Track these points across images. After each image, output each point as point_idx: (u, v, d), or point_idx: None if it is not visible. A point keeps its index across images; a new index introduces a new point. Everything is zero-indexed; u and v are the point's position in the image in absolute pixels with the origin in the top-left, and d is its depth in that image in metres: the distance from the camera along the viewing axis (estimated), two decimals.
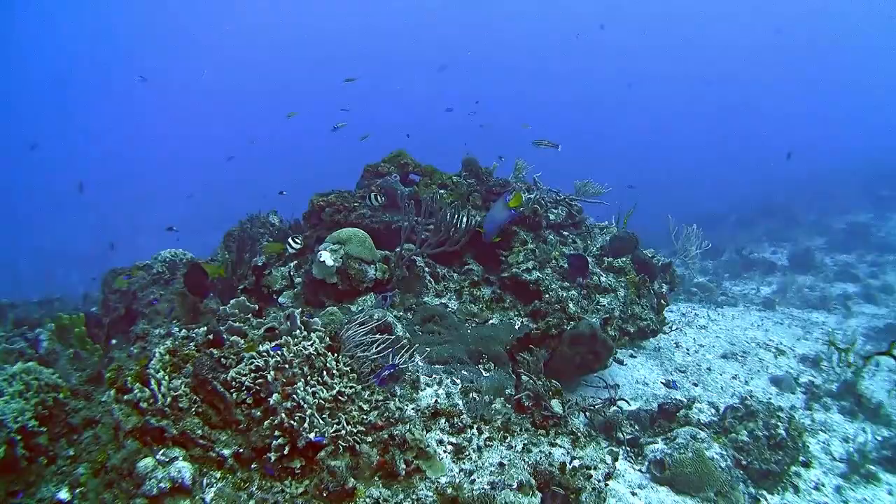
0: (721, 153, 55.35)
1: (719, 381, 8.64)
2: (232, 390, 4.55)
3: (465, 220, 7.94)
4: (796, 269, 17.54)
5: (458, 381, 5.84)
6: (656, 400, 7.54)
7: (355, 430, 4.42)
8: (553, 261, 8.50)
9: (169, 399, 4.45)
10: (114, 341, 8.05)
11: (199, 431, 4.38)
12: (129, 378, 4.58)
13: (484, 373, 6.29)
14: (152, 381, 4.50)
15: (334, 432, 4.31)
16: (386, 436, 4.48)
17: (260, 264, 8.53)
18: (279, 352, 4.72)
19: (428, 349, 6.45)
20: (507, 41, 77.64)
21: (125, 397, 4.45)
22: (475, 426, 4.97)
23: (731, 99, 69.33)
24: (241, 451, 4.34)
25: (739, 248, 20.24)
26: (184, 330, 5.33)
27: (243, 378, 4.59)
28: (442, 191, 9.63)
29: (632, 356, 8.93)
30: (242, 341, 5.10)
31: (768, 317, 12.78)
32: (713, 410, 7.59)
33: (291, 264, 8.48)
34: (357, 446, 4.36)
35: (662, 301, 9.24)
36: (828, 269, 17.47)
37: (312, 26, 75.89)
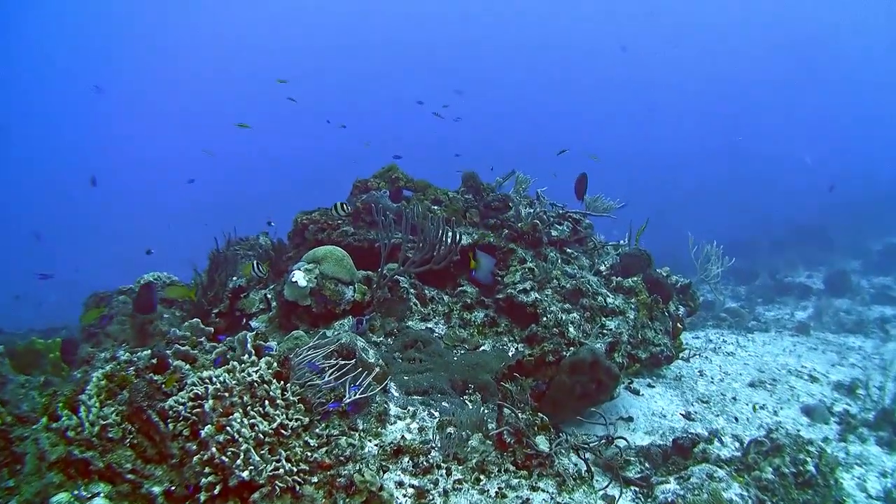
0: (749, 175, 54.81)
1: (745, 412, 8.06)
2: (169, 420, 4.18)
3: (450, 235, 7.38)
4: (832, 292, 16.96)
5: (437, 414, 5.39)
6: (674, 434, 7.02)
7: (297, 469, 3.96)
8: (554, 280, 7.94)
9: (97, 428, 4.11)
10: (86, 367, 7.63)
11: (129, 465, 4.01)
12: (60, 404, 4.31)
13: (470, 405, 5.74)
14: (81, 408, 4.20)
15: (272, 471, 3.86)
16: (333, 476, 3.97)
17: (239, 286, 8.08)
18: (220, 378, 4.28)
19: (406, 378, 5.97)
20: (520, 53, 77.67)
21: (54, 425, 4.15)
22: (445, 466, 4.42)
23: (756, 119, 68.86)
24: (172, 488, 3.93)
25: (773, 272, 19.81)
26: (127, 353, 4.96)
27: (180, 407, 4.21)
28: (435, 207, 9.19)
29: (649, 385, 8.36)
30: (187, 366, 4.76)
31: (801, 342, 12.19)
32: (737, 444, 7.04)
33: (271, 287, 8.03)
34: (298, 488, 3.90)
35: (679, 325, 8.68)
36: (864, 291, 16.91)
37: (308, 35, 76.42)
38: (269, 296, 7.92)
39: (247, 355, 4.79)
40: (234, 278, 8.43)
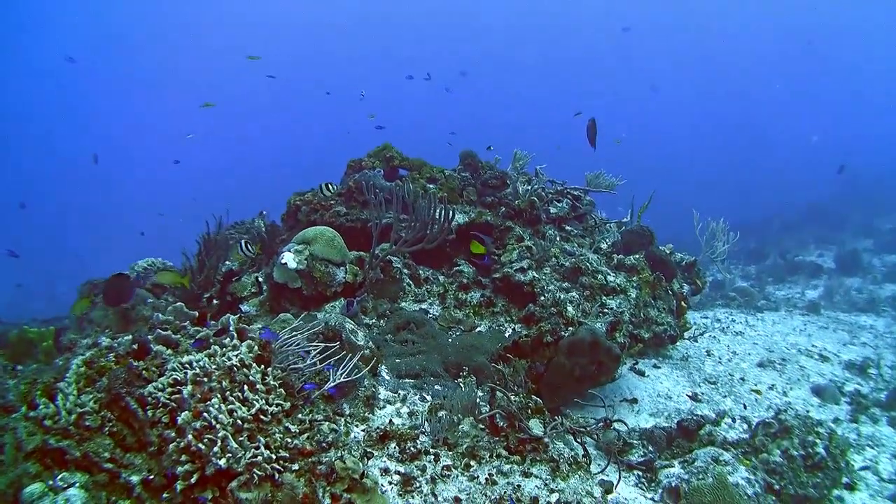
0: (759, 156, 54.74)
1: (753, 393, 7.84)
2: (148, 407, 4.08)
3: (444, 213, 7.20)
4: (843, 271, 16.84)
5: (428, 398, 5.27)
6: (680, 415, 6.88)
7: (276, 457, 3.85)
8: (552, 259, 7.77)
9: (74, 416, 4.01)
10: None
11: (107, 454, 3.89)
12: (38, 392, 4.24)
13: (464, 388, 5.57)
14: (59, 396, 4.10)
15: (251, 458, 3.74)
16: (314, 464, 3.84)
17: (230, 270, 7.92)
18: (200, 363, 4.18)
19: (398, 361, 5.82)
20: (525, 32, 77.36)
21: (31, 413, 4.06)
22: (434, 452, 4.26)
23: (764, 102, 68.75)
24: (151, 477, 3.81)
25: (784, 251, 19.70)
26: (108, 339, 4.94)
27: (159, 393, 4.11)
28: (431, 185, 9.00)
29: (655, 366, 8.28)
30: (169, 352, 4.65)
31: (812, 321, 12.03)
32: (745, 426, 6.93)
33: (264, 270, 7.87)
34: (278, 476, 3.79)
35: (683, 303, 8.53)
36: (876, 270, 16.77)
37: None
38: (260, 279, 7.76)
39: (228, 338, 4.67)
40: (227, 262, 8.27)
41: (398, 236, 7.37)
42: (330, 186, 7.97)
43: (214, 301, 7.60)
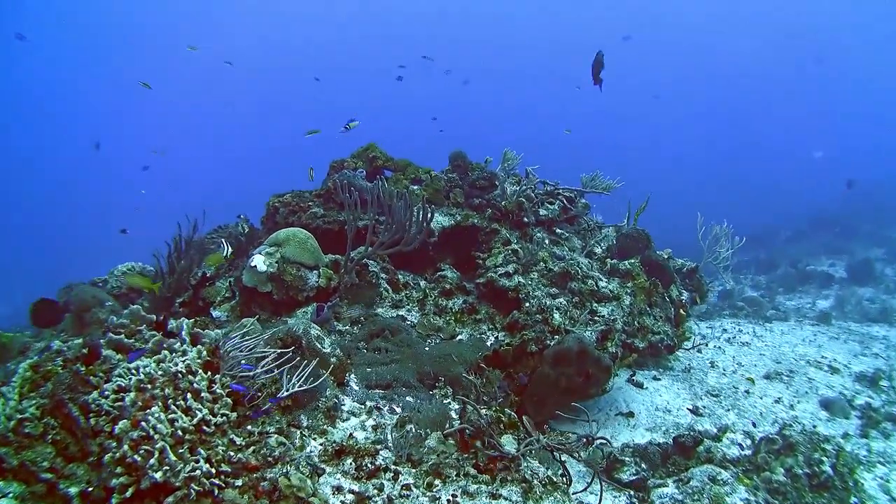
0: (759, 172, 55.00)
1: (759, 406, 7.74)
2: (91, 414, 3.93)
3: (421, 214, 6.97)
4: (855, 280, 16.74)
5: (398, 410, 5.04)
6: (678, 430, 6.73)
7: (217, 471, 3.67)
8: (541, 263, 7.54)
9: (13, 423, 3.88)
10: None
11: (47, 463, 3.75)
12: None
13: (434, 400, 5.35)
14: (0, 402, 3.99)
15: (190, 472, 3.56)
16: (258, 480, 3.65)
17: (204, 274, 7.73)
18: (146, 369, 4.00)
19: (369, 370, 5.60)
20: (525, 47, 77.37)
21: None
22: (394, 469, 3.99)
23: (763, 116, 69.11)
24: (90, 490, 3.66)
25: (795, 260, 19.59)
26: (60, 343, 4.79)
27: (103, 400, 3.95)
28: (415, 187, 8.81)
29: (655, 378, 8.08)
30: (119, 357, 4.46)
31: (822, 331, 11.82)
32: (748, 442, 6.68)
33: (235, 274, 7.66)
34: (218, 492, 3.60)
35: (682, 311, 8.33)
36: (889, 279, 16.67)
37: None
38: (233, 284, 7.55)
39: (179, 343, 4.45)
40: (202, 267, 8.08)
41: (374, 238, 7.13)
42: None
43: (182, 307, 7.39)
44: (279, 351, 4.46)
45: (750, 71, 71.29)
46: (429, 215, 7.11)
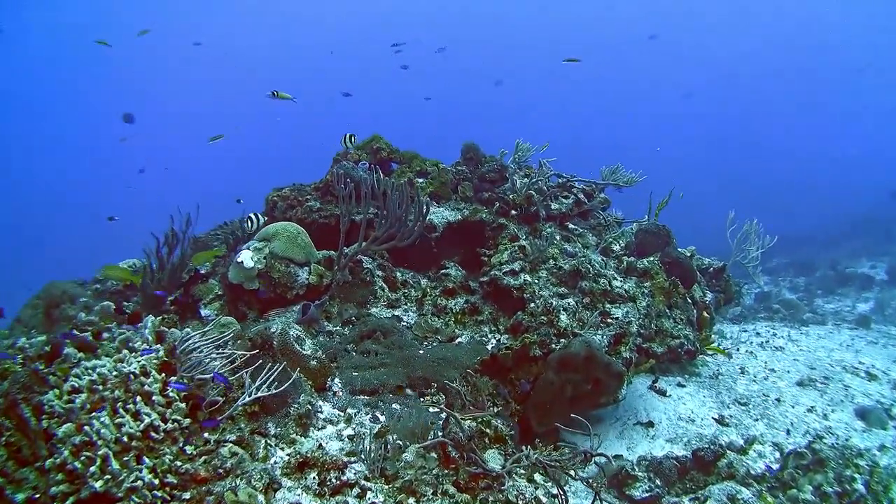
0: (789, 174, 54.53)
1: (789, 416, 7.37)
2: (44, 416, 3.79)
3: (417, 207, 6.71)
4: None
5: (382, 418, 4.83)
6: (702, 441, 6.41)
7: (161, 482, 3.52)
8: (550, 260, 7.26)
9: None
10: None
11: None
12: None
13: (416, 409, 5.10)
14: None
15: (132, 482, 3.41)
16: (205, 493, 3.48)
17: (196, 271, 7.56)
18: (99, 369, 3.87)
19: (355, 374, 5.37)
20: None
21: None
22: (363, 485, 3.70)
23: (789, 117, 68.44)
24: (37, 496, 3.53)
25: (834, 262, 19.16)
26: (24, 340, 4.69)
27: (56, 401, 3.81)
28: (420, 179, 8.59)
29: (679, 385, 7.76)
30: (80, 355, 4.35)
31: (861, 336, 11.44)
32: (777, 455, 6.34)
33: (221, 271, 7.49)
34: None
35: (705, 314, 7.99)
36: None
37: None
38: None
39: (140, 342, 4.28)
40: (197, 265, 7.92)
41: (369, 233, 6.89)
42: (353, 139, 7.59)
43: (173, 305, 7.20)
44: (238, 353, 4.24)
45: (781, 71, 70.61)
46: (424, 208, 6.85)
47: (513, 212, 8.19)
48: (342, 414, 4.72)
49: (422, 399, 5.36)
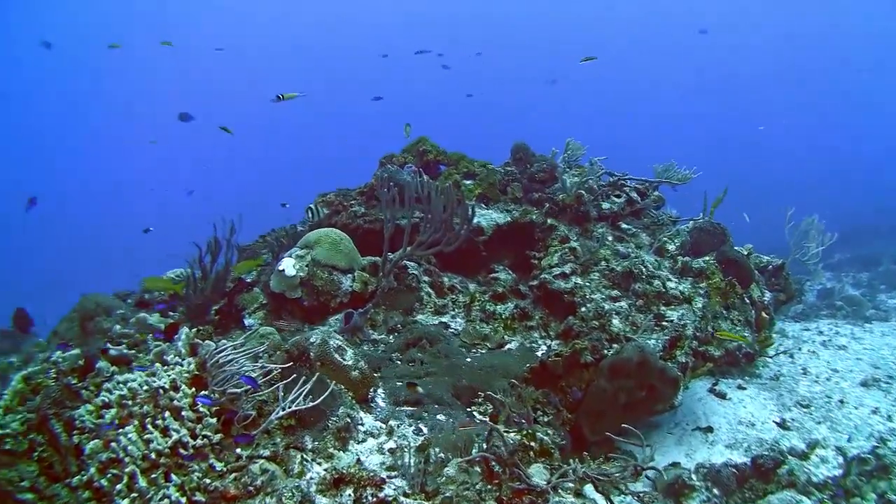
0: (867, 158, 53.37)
1: (853, 418, 7.07)
2: (75, 431, 3.76)
3: (462, 211, 6.53)
4: None
5: (426, 430, 4.65)
6: (762, 447, 6.15)
7: (189, 500, 3.40)
8: (602, 262, 7.01)
9: None
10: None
11: (27, 483, 3.57)
12: None
13: (479, 417, 4.93)
14: None
15: (160, 500, 3.31)
16: None
17: (240, 279, 7.51)
18: (133, 383, 3.81)
19: (399, 384, 5.20)
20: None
21: None
22: (400, 501, 3.54)
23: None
24: None
25: None
26: (60, 354, 4.57)
27: (87, 416, 3.78)
28: (468, 181, 8.41)
29: (740, 387, 7.50)
30: (114, 368, 4.32)
31: None
32: (840, 460, 6.06)
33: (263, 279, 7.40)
34: None
35: (764, 314, 7.70)
36: None
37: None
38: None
39: (173, 354, 4.14)
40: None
41: (413, 238, 6.72)
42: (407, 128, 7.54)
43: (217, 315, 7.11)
44: (272, 366, 4.07)
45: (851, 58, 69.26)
46: (470, 212, 6.65)
47: (562, 213, 7.98)
48: (384, 426, 4.55)
49: (469, 409, 5.18)
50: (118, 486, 3.25)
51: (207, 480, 3.45)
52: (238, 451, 3.72)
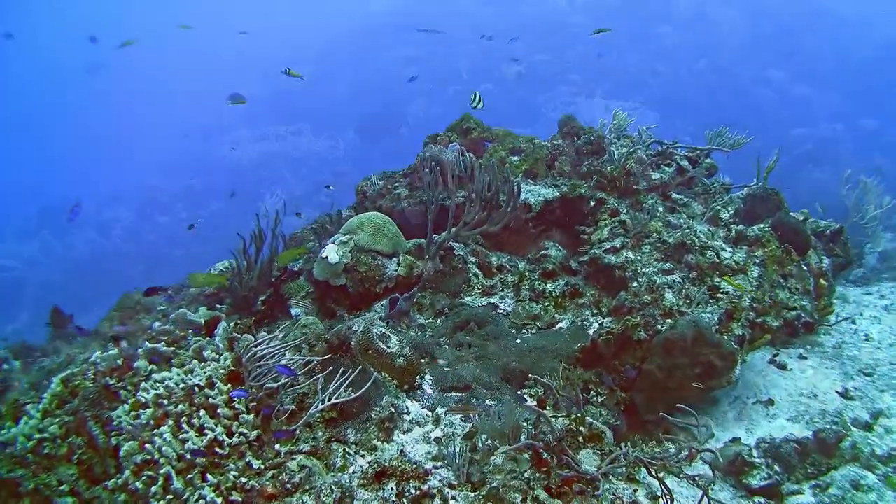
0: None
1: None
2: (113, 433, 3.74)
3: (509, 189, 6.34)
4: None
5: (474, 417, 4.43)
6: (825, 418, 5.87)
7: (225, 500, 3.32)
8: (654, 234, 6.79)
9: (32, 443, 3.72)
10: None
11: (66, 486, 3.59)
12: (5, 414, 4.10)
13: (528, 400, 4.76)
14: (22, 419, 3.84)
15: (196, 501, 3.25)
16: None
17: (285, 268, 7.36)
18: (169, 381, 3.77)
19: (447, 369, 5.06)
20: None
21: None
22: (445, 494, 3.36)
23: None
24: None
25: None
26: (99, 354, 4.56)
27: (124, 417, 3.72)
28: (514, 157, 8.22)
29: (801, 357, 7.13)
30: (152, 367, 4.26)
31: None
32: None
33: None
34: None
35: (822, 281, 7.38)
36: None
37: None
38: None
39: (211, 350, 4.04)
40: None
41: (457, 219, 6.55)
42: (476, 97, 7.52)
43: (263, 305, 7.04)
44: (310, 359, 3.94)
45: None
46: (516, 188, 6.45)
47: (611, 185, 7.75)
48: (431, 414, 4.42)
49: (520, 392, 5.02)
50: (153, 488, 3.20)
51: (244, 479, 3.37)
52: (277, 447, 3.63)
